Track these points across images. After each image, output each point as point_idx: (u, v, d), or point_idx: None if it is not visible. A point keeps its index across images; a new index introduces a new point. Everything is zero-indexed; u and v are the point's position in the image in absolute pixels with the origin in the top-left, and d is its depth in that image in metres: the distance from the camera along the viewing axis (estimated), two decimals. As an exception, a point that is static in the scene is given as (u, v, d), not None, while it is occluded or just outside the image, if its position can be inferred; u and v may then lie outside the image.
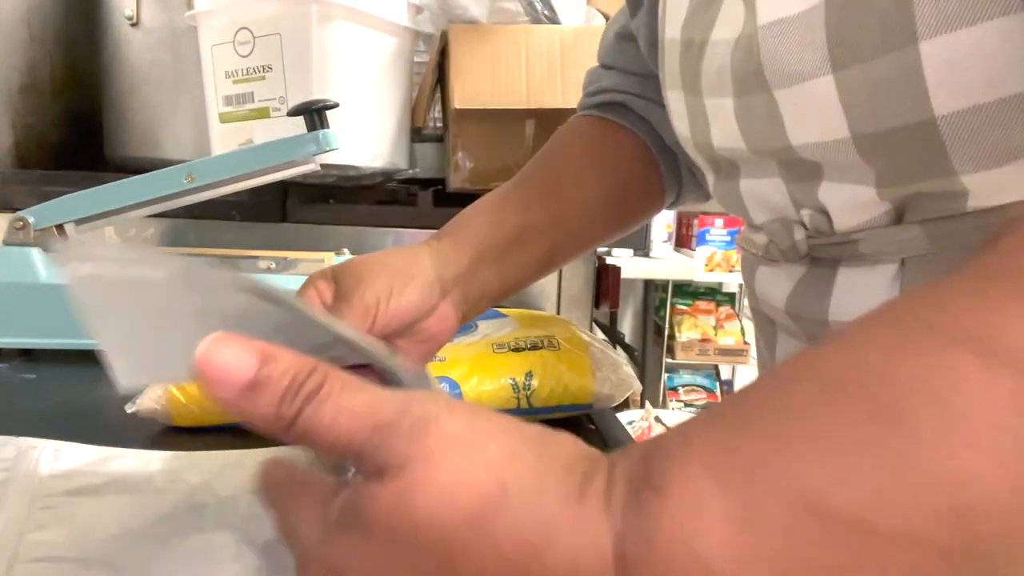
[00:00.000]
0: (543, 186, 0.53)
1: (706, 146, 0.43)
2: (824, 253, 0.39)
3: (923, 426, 0.19)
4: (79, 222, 0.70)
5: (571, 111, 0.62)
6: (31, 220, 0.68)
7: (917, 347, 0.21)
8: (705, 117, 0.42)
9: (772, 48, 0.34)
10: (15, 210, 0.69)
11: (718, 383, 3.06)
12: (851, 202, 0.36)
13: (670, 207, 0.61)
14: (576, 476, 0.23)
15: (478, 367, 0.55)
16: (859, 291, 0.37)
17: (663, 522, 0.21)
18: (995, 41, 0.28)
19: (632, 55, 0.57)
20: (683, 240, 3.00)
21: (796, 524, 0.19)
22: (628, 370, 0.60)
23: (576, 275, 0.97)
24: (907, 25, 0.29)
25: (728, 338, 2.93)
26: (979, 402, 0.19)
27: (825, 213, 0.38)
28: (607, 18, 1.05)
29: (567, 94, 0.98)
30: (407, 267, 0.45)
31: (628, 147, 0.56)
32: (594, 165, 0.55)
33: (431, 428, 0.23)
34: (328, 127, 0.69)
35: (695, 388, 3.04)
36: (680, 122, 0.46)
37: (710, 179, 0.47)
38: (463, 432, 0.23)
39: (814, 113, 0.34)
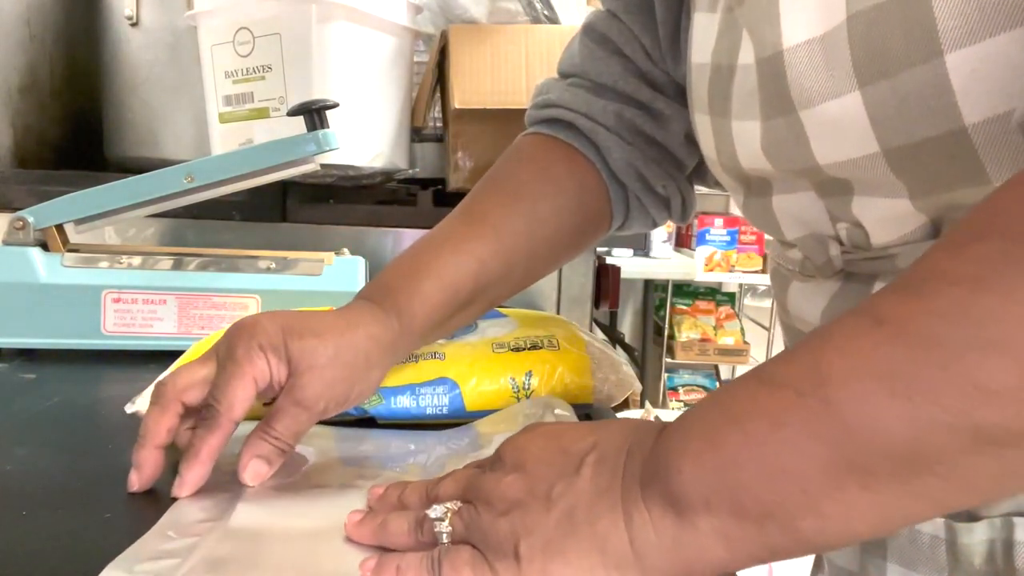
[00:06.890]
0: (496, 231, 0.51)
1: (734, 168, 0.43)
2: (860, 268, 0.39)
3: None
4: (79, 222, 0.70)
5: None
6: (31, 220, 0.69)
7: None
8: (731, 139, 0.42)
9: (798, 70, 0.34)
10: (15, 210, 0.69)
11: (718, 383, 3.06)
12: (887, 215, 0.36)
13: (616, 231, 0.60)
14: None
15: (478, 367, 0.55)
16: None
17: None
18: (1017, 50, 0.28)
19: (600, 57, 0.55)
20: (683, 240, 3.00)
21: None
22: (628, 370, 0.60)
23: (576, 275, 0.97)
24: (931, 38, 0.29)
25: (728, 338, 2.93)
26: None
27: (862, 227, 0.38)
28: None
29: (567, 94, 0.97)
30: (366, 369, 0.45)
31: (578, 173, 0.55)
32: (548, 198, 0.54)
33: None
34: (328, 127, 0.69)
35: (695, 388, 3.04)
36: (707, 144, 0.46)
37: (739, 198, 0.47)
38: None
39: (842, 130, 0.34)
